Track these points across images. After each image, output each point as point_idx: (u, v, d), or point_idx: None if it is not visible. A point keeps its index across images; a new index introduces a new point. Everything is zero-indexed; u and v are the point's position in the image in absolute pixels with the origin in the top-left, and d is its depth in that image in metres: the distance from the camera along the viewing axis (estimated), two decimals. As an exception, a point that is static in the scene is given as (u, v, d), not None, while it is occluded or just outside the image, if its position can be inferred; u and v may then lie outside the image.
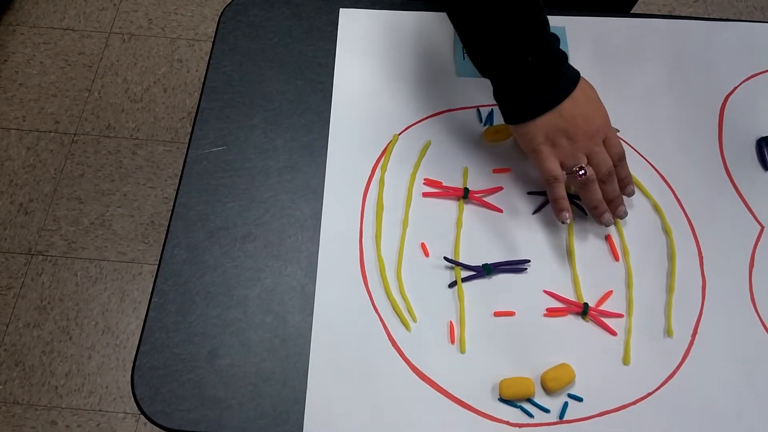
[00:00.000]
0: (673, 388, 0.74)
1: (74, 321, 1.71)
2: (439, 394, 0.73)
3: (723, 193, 0.85)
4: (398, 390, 0.73)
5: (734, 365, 0.75)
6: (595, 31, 0.97)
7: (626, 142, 0.88)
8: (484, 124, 0.90)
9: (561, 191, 0.79)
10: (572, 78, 0.77)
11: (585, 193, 0.80)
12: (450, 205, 0.84)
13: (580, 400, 0.73)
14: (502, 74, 0.77)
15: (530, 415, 0.72)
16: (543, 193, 0.85)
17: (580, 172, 0.77)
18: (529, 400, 0.73)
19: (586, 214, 0.84)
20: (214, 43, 0.96)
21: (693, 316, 0.78)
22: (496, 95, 0.79)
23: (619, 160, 0.80)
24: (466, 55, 0.94)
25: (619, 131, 0.86)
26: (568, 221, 0.79)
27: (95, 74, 2.07)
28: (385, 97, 0.92)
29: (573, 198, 0.84)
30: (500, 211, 0.84)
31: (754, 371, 0.75)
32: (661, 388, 0.74)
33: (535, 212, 0.84)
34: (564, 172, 0.79)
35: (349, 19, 0.98)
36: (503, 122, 0.81)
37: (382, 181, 0.85)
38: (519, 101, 0.77)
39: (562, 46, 0.79)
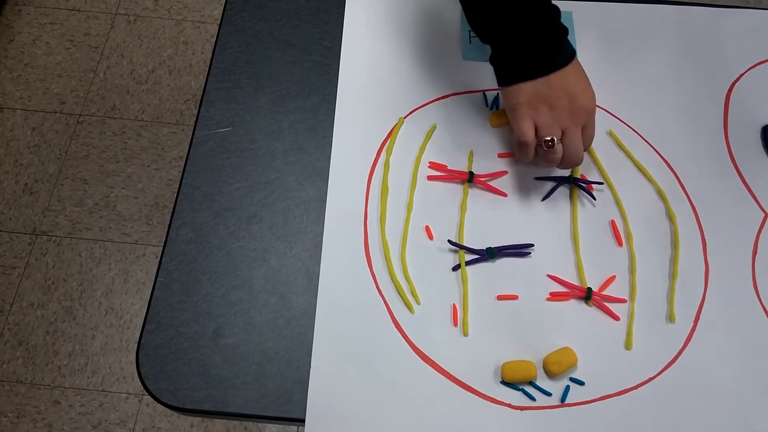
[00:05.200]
0: (675, 374, 0.74)
1: (78, 301, 1.72)
2: (441, 376, 0.74)
3: (727, 180, 0.85)
4: (401, 371, 0.74)
5: (736, 351, 0.75)
6: (601, 16, 0.97)
7: (632, 128, 0.88)
8: (490, 108, 0.90)
9: (526, 154, 0.80)
10: (567, 54, 0.78)
11: (541, 161, 0.81)
12: (455, 189, 0.84)
13: (581, 384, 0.73)
14: (500, 40, 0.78)
15: (532, 398, 0.73)
16: (549, 178, 0.85)
17: (549, 143, 0.78)
18: (531, 383, 0.73)
19: (594, 198, 0.84)
20: (221, 23, 0.96)
21: (695, 302, 0.78)
22: (492, 59, 0.80)
23: (585, 151, 0.81)
24: (472, 38, 0.94)
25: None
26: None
27: (101, 55, 2.06)
28: (391, 80, 0.92)
29: (578, 182, 0.84)
30: (505, 195, 0.84)
31: (756, 357, 0.75)
32: (663, 373, 0.74)
33: (544, 199, 0.84)
34: (535, 139, 0.79)
35: (356, 2, 0.98)
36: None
37: (387, 164, 0.85)
38: (513, 65, 0.78)
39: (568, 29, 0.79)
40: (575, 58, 0.78)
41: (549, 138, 0.77)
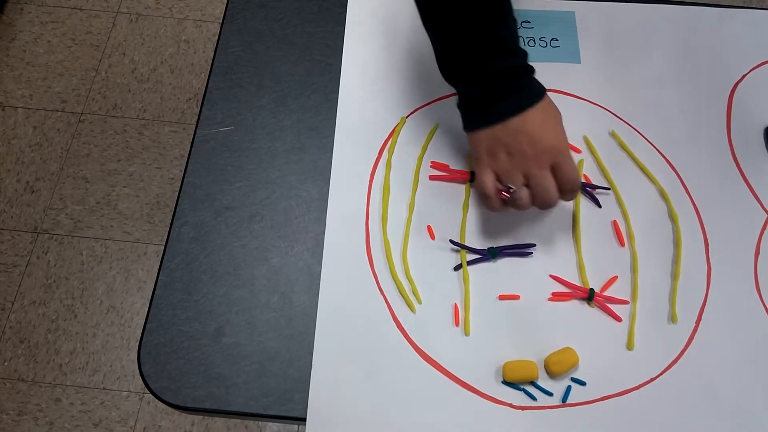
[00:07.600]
0: (676, 374, 0.74)
1: (79, 299, 1.72)
2: (443, 376, 0.73)
3: (730, 180, 0.85)
4: (402, 371, 0.74)
5: (738, 352, 0.75)
6: (604, 15, 0.97)
7: (634, 128, 0.88)
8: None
9: (491, 205, 0.77)
10: (532, 94, 0.74)
11: (511, 207, 0.77)
12: (457, 189, 0.84)
13: (583, 384, 0.73)
14: (460, 82, 0.77)
15: (533, 398, 0.73)
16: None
17: (505, 192, 0.75)
18: (533, 383, 0.73)
19: (600, 206, 0.84)
20: (222, 23, 0.96)
21: (698, 302, 0.78)
22: (458, 103, 0.79)
23: (570, 191, 0.75)
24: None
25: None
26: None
27: (102, 54, 2.06)
28: (394, 79, 0.92)
29: (584, 186, 0.84)
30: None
31: (758, 359, 0.75)
32: (664, 373, 0.74)
33: None
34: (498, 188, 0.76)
35: (358, 1, 0.98)
36: None
37: (389, 164, 0.85)
38: (472, 110, 0.77)
39: (570, 31, 0.78)
40: (544, 97, 0.75)
41: (505, 187, 0.75)
